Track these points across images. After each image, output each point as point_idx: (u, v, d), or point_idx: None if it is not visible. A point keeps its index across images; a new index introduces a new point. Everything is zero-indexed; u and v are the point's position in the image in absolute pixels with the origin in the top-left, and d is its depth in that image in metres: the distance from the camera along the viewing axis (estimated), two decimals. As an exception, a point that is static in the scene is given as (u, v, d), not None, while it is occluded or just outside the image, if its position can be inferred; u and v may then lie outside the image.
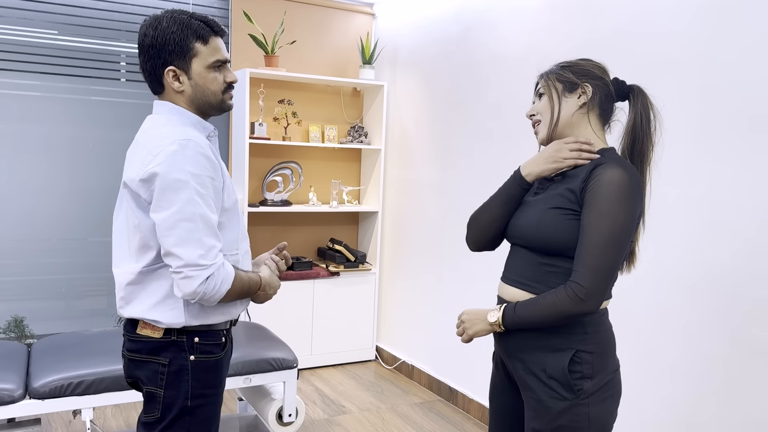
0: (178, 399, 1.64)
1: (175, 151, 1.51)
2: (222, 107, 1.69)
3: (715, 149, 2.32)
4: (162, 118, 1.64)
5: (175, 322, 1.62)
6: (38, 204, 3.70)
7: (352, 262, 4.32)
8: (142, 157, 1.55)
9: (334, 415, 3.53)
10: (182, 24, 1.59)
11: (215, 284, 1.54)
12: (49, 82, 3.68)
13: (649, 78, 2.54)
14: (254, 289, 1.70)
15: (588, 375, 1.54)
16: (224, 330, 1.73)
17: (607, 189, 1.47)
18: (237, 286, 1.61)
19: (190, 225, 1.51)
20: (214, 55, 1.63)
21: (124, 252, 1.66)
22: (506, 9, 3.32)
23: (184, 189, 1.50)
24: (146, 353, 1.65)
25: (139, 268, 1.61)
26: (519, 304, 1.57)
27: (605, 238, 1.46)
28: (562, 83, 1.60)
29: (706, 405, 2.35)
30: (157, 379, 1.64)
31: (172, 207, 1.50)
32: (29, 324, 3.67)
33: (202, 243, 1.52)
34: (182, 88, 1.63)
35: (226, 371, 1.77)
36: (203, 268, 1.51)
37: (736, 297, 2.26)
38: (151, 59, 1.61)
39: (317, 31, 4.40)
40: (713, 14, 2.32)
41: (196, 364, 1.66)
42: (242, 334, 3.06)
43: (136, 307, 1.64)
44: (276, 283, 1.80)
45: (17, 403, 2.39)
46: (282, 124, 4.22)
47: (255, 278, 1.71)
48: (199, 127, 1.66)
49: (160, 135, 1.56)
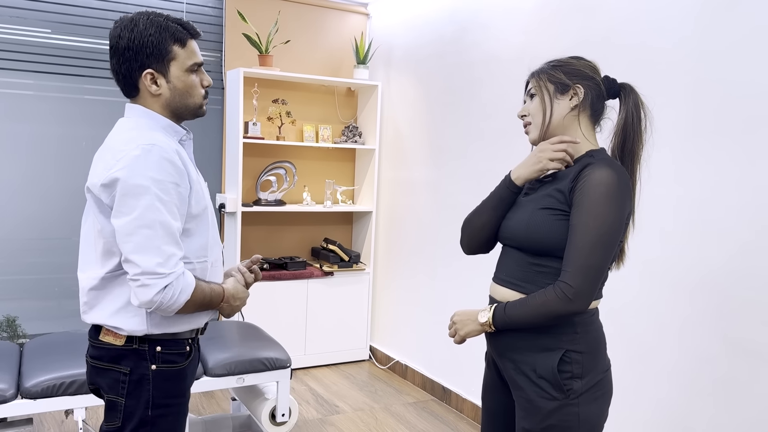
0: (139, 408, 1.60)
1: (138, 156, 1.48)
2: (198, 112, 1.67)
3: (707, 149, 2.33)
4: (130, 121, 1.61)
5: (137, 329, 1.58)
6: (30, 203, 3.69)
7: (346, 261, 4.32)
8: (106, 162, 1.52)
9: (327, 414, 3.53)
10: (160, 26, 1.57)
11: (173, 294, 1.50)
12: (42, 80, 3.66)
13: (641, 78, 2.55)
14: (217, 301, 1.65)
15: (578, 375, 1.54)
16: (189, 339, 1.69)
17: (596, 189, 1.47)
18: (197, 296, 1.57)
19: (150, 232, 1.47)
20: (192, 58, 1.62)
21: (90, 257, 1.62)
22: (500, 10, 3.33)
23: (145, 195, 1.47)
24: (108, 361, 1.62)
25: (103, 273, 1.58)
26: (509, 304, 1.58)
27: (594, 238, 1.46)
28: (554, 84, 1.59)
29: (700, 405, 2.36)
30: (119, 387, 1.60)
31: (132, 213, 1.47)
32: (21, 323, 3.66)
33: (161, 251, 1.48)
34: (159, 92, 1.60)
35: (191, 381, 1.72)
36: (161, 277, 1.47)
37: (728, 297, 2.27)
38: (126, 62, 1.57)
39: (311, 31, 4.40)
40: (705, 15, 2.33)
41: (158, 373, 1.62)
42: (235, 333, 3.06)
43: (98, 313, 1.60)
44: (242, 295, 1.74)
45: (9, 402, 2.39)
46: (276, 123, 4.22)
47: (218, 290, 1.66)
48: (170, 131, 1.63)
49: (126, 139, 1.53)
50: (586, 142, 1.61)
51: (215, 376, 2.73)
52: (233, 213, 3.98)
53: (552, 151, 1.58)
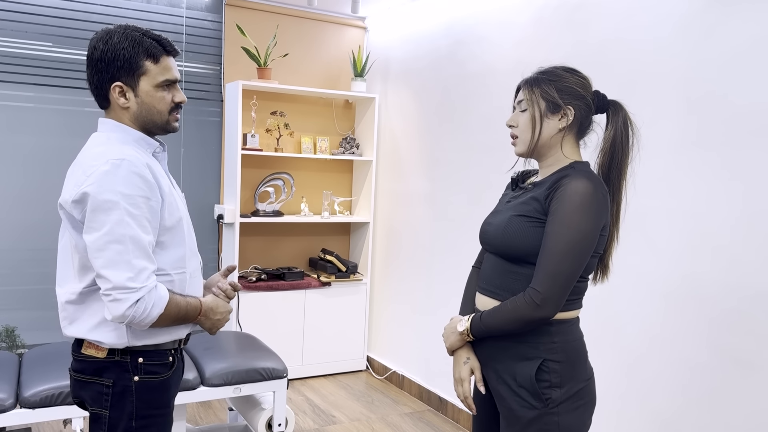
0: (122, 420, 1.60)
1: (107, 171, 1.48)
2: (166, 128, 1.66)
3: (697, 161, 2.37)
4: (102, 136, 1.61)
5: (118, 342, 1.59)
6: (30, 214, 3.72)
7: (343, 272, 4.34)
8: (77, 178, 1.53)
9: (324, 425, 3.55)
10: (134, 41, 1.57)
11: (145, 308, 1.50)
12: (42, 93, 3.71)
13: (633, 90, 2.59)
14: (193, 314, 1.64)
15: (556, 384, 1.55)
16: (172, 349, 1.69)
17: (571, 198, 1.49)
18: (171, 310, 1.56)
19: (120, 247, 1.47)
20: (164, 75, 1.61)
21: (68, 272, 1.63)
22: (495, 23, 3.38)
23: (114, 210, 1.48)
24: (90, 373, 1.62)
25: (80, 288, 1.58)
26: (485, 312, 1.60)
27: (566, 246, 1.48)
28: (546, 102, 1.59)
29: (689, 414, 2.39)
30: (102, 400, 1.61)
31: (102, 228, 1.48)
32: (20, 333, 3.68)
33: (132, 265, 1.48)
34: (128, 105, 1.60)
35: (175, 391, 1.73)
36: (132, 291, 1.48)
37: (716, 307, 2.30)
38: (98, 73, 1.59)
39: (310, 44, 4.45)
40: (697, 29, 2.37)
41: (141, 384, 1.62)
42: (232, 343, 3.08)
43: (78, 327, 1.61)
44: (222, 309, 1.73)
45: (8, 412, 2.41)
46: (274, 135, 4.26)
47: (194, 303, 1.65)
48: (143, 143, 1.63)
49: (96, 154, 1.53)
50: (567, 160, 1.63)
51: (212, 386, 2.75)
52: (231, 224, 4.01)
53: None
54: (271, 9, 4.28)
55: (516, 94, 1.68)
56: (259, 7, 4.24)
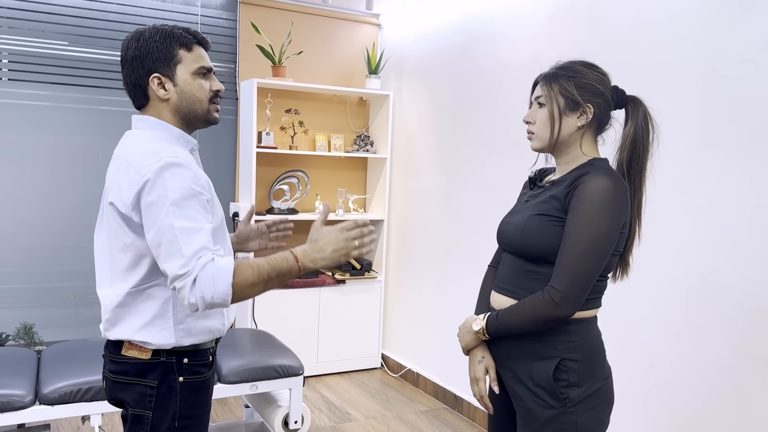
0: (166, 421, 1.60)
1: (161, 168, 1.48)
2: (208, 118, 1.66)
3: (716, 158, 2.34)
4: (146, 134, 1.60)
5: (166, 342, 1.58)
6: (48, 212, 3.75)
7: (357, 270, 4.34)
8: (130, 178, 1.51)
9: (339, 422, 3.55)
10: (164, 33, 1.59)
11: (207, 284, 1.43)
12: (59, 92, 3.73)
13: (651, 86, 2.57)
14: (283, 266, 1.54)
15: (574, 383, 1.54)
16: (210, 348, 1.70)
17: (591, 197, 1.47)
18: (247, 274, 1.47)
19: (172, 238, 1.46)
20: (198, 62, 1.62)
21: (106, 273, 1.62)
22: (510, 19, 3.35)
23: (168, 206, 1.47)
24: (133, 375, 1.60)
25: (127, 288, 1.57)
26: (501, 311, 1.58)
27: (585, 244, 1.46)
28: (565, 99, 1.57)
29: (711, 415, 2.36)
30: (146, 401, 1.60)
31: (155, 224, 1.47)
32: (38, 331, 3.71)
33: (182, 254, 1.45)
34: (167, 96, 1.60)
35: (211, 391, 1.73)
36: (185, 277, 1.45)
37: (737, 306, 2.27)
38: (135, 70, 1.60)
39: (324, 42, 4.44)
40: (715, 23, 2.34)
41: (185, 384, 1.62)
42: (248, 341, 3.09)
43: (123, 329, 1.59)
44: (326, 236, 1.64)
45: (27, 408, 2.43)
46: (289, 133, 4.26)
47: (279, 256, 1.55)
48: (183, 141, 1.63)
49: (146, 153, 1.52)
50: (587, 157, 1.61)
51: (229, 383, 2.76)
52: (246, 222, 4.02)
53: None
54: (285, 7, 4.28)
55: (533, 89, 1.66)
56: (273, 5, 4.24)
